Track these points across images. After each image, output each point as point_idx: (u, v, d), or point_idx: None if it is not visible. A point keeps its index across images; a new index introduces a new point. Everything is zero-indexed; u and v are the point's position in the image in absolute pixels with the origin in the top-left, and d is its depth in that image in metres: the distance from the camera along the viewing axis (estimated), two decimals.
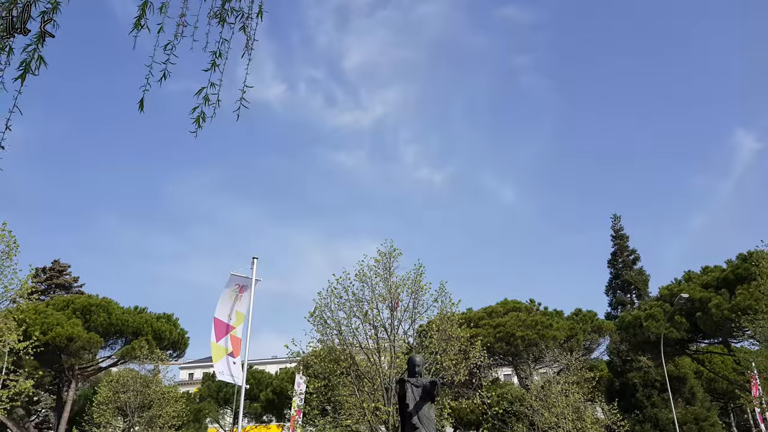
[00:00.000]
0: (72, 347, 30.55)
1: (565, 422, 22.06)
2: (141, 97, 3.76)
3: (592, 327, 35.88)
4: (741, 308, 24.61)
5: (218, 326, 16.70)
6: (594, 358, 37.46)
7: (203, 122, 3.89)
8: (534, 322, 32.71)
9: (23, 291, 19.08)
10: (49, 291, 48.94)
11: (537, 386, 24.65)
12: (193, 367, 76.24)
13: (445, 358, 18.76)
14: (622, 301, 47.91)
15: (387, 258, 19.57)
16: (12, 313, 21.13)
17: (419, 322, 19.77)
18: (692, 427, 29.61)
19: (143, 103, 3.80)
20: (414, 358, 10.22)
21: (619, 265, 50.14)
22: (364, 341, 19.19)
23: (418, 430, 9.31)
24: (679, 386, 31.15)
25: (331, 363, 19.38)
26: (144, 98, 3.78)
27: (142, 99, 3.78)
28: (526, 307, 35.93)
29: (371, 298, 19.09)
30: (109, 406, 25.52)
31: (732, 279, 27.43)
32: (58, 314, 31.38)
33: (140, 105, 3.80)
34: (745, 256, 28.31)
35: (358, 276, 19.37)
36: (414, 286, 19.26)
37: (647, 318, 29.25)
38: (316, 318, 19.35)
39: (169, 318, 35.27)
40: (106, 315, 32.58)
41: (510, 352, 32.76)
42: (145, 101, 3.79)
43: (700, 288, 28.35)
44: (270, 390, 42.59)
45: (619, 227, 52.04)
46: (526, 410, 23.98)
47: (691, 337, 30.22)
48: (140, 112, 3.81)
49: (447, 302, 19.68)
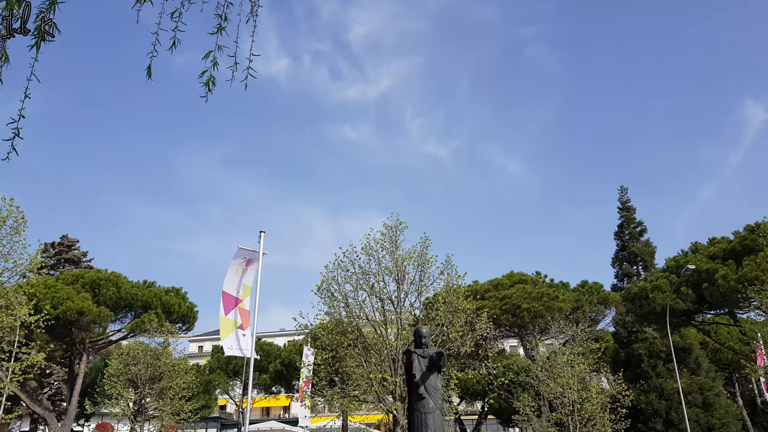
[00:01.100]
0: (82, 321, 30.93)
1: (570, 392, 22.28)
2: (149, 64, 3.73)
3: (598, 298, 35.97)
4: (748, 279, 24.61)
5: (227, 299, 16.83)
6: (600, 329, 37.64)
7: (213, 86, 3.84)
8: (540, 294, 32.80)
9: (33, 266, 19.26)
10: (58, 266, 49.37)
11: (543, 357, 24.85)
12: (202, 339, 77.21)
13: (451, 330, 18.90)
14: (629, 273, 47.96)
15: (393, 231, 19.62)
16: (22, 287, 21.38)
17: (425, 294, 19.89)
18: (697, 397, 29.84)
19: (150, 70, 3.76)
20: (420, 330, 10.29)
21: (626, 236, 50.07)
22: (371, 314, 19.35)
23: (425, 399, 9.42)
24: (684, 357, 31.32)
25: (338, 335, 19.58)
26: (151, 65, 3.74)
27: (149, 66, 3.74)
28: (532, 279, 36.01)
29: (378, 271, 19.19)
30: (120, 378, 25.91)
31: (739, 250, 27.36)
32: (68, 288, 31.70)
33: (148, 72, 3.76)
34: (752, 227, 28.20)
35: (365, 249, 19.45)
36: (420, 259, 19.33)
37: (653, 289, 29.28)
38: (323, 291, 19.50)
39: (178, 292, 35.57)
40: (115, 289, 32.88)
41: (516, 323, 32.94)
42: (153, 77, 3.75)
43: (706, 259, 28.30)
44: (278, 362, 43.16)
45: (626, 199, 51.86)
46: (532, 381, 24.21)
47: (697, 308, 30.27)
48: (148, 79, 3.78)
49: (453, 275, 19.78)
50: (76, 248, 51.77)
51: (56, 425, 32.60)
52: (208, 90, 3.84)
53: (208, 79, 3.82)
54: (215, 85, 3.84)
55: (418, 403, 9.46)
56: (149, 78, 3.78)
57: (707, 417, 29.38)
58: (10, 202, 18.75)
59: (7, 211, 18.56)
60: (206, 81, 3.83)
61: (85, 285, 32.83)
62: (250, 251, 17.31)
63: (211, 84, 3.83)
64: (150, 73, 3.76)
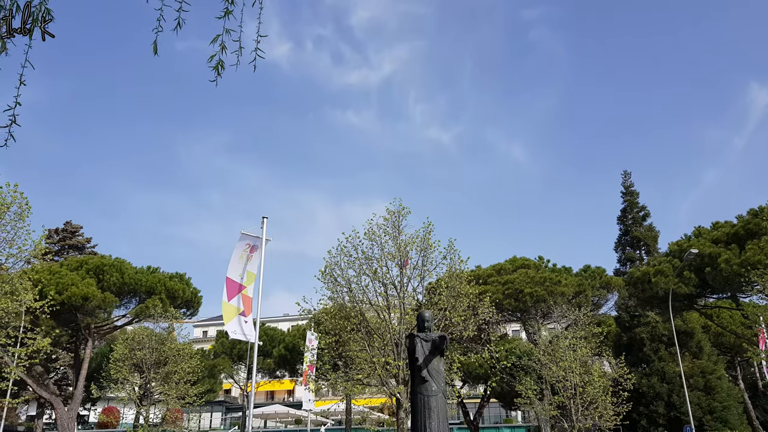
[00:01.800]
0: (87, 306, 31.10)
1: (572, 376, 22.38)
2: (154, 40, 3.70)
3: (601, 283, 36.00)
4: (751, 263, 24.57)
5: (230, 286, 16.88)
6: (602, 313, 37.74)
7: (222, 70, 3.82)
8: (542, 278, 32.84)
9: (37, 252, 19.34)
10: (63, 252, 49.56)
11: (545, 341, 24.94)
12: (206, 324, 77.62)
13: (453, 314, 18.95)
14: (631, 258, 47.98)
15: (396, 216, 19.61)
16: (27, 273, 21.50)
17: (428, 279, 19.92)
18: (699, 380, 29.97)
19: (156, 46, 3.74)
20: (423, 314, 10.33)
21: (629, 221, 50.04)
22: (374, 298, 19.39)
23: (428, 383, 9.47)
24: (686, 340, 31.41)
25: (341, 320, 19.66)
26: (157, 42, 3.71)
27: (155, 41, 3.71)
28: (534, 263, 36.04)
29: (380, 256, 19.22)
30: (125, 363, 26.09)
31: (742, 234, 27.29)
32: (72, 274, 31.83)
33: (154, 48, 3.74)
34: (756, 211, 28.10)
35: (368, 235, 19.45)
36: (423, 244, 19.34)
37: (656, 273, 29.28)
38: (326, 276, 19.54)
39: (182, 277, 35.67)
40: (119, 275, 33.00)
41: (518, 308, 33.03)
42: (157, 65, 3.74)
43: (709, 243, 28.25)
44: (282, 346, 43.39)
45: (629, 183, 51.70)
46: (534, 364, 24.33)
47: (700, 293, 30.28)
48: (155, 55, 3.76)
49: (456, 260, 19.79)
50: (80, 234, 51.94)
51: (63, 409, 32.92)
52: (218, 74, 3.82)
53: (217, 63, 3.81)
54: (224, 69, 3.82)
55: (421, 386, 9.51)
56: (155, 54, 3.76)
57: (709, 400, 29.53)
58: (14, 188, 18.79)
59: (11, 197, 18.61)
60: (215, 65, 3.81)
61: (89, 271, 32.95)
62: (254, 237, 17.33)
63: (220, 68, 3.81)
64: (156, 50, 3.73)
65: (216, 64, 3.79)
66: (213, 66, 3.79)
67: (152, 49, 3.74)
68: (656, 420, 29.26)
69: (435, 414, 9.30)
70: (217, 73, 3.81)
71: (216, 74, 3.81)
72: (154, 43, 3.74)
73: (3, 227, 18.44)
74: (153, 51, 3.75)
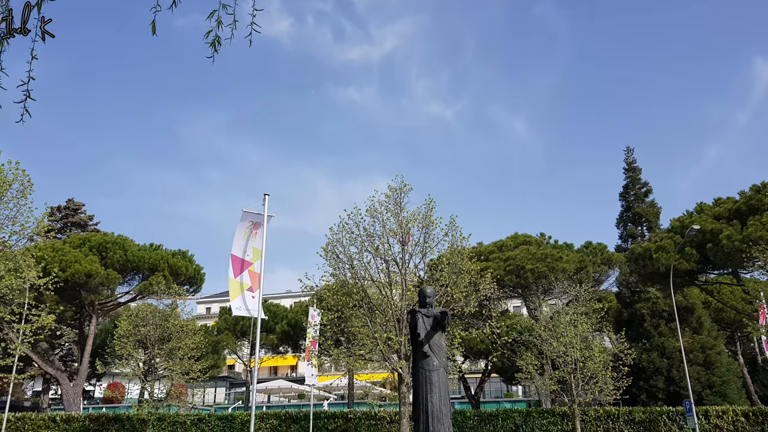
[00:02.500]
0: (91, 284, 31.28)
1: (573, 351, 22.55)
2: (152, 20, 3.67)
3: (602, 259, 36.07)
4: (752, 239, 24.58)
5: (235, 262, 16.97)
6: (603, 289, 37.88)
7: (219, 46, 3.79)
8: (544, 255, 32.90)
9: (40, 229, 19.39)
10: (65, 229, 49.69)
11: (546, 317, 25.08)
12: (210, 301, 78.12)
13: (455, 290, 19.05)
14: (633, 234, 48.01)
15: (397, 193, 19.60)
16: (30, 250, 21.58)
17: (430, 256, 19.98)
18: (698, 355, 30.19)
19: (155, 25, 3.70)
20: (425, 290, 10.38)
21: (631, 197, 49.96)
22: (376, 275, 19.47)
23: (430, 358, 9.56)
24: (686, 316, 31.56)
25: (343, 296, 19.77)
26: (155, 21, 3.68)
27: (153, 21, 3.68)
28: (536, 240, 36.08)
29: (382, 233, 19.25)
30: (129, 339, 26.30)
31: (745, 210, 27.26)
32: (76, 252, 31.96)
33: (152, 28, 3.71)
34: (759, 187, 28.02)
35: (369, 211, 19.46)
36: (425, 220, 19.35)
37: (657, 250, 29.32)
38: (328, 253, 19.60)
39: (185, 254, 35.80)
40: (122, 252, 33.12)
41: (520, 284, 33.14)
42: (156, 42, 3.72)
43: (711, 219, 28.23)
44: (285, 322, 43.71)
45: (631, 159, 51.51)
46: (535, 340, 24.49)
47: (701, 269, 30.34)
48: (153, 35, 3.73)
49: (458, 236, 19.81)
50: (82, 212, 52.03)
51: (68, 385, 33.31)
52: (214, 50, 3.80)
53: (213, 39, 3.78)
54: (221, 44, 3.79)
55: (423, 361, 9.60)
56: (153, 34, 3.73)
57: (708, 375, 29.78)
58: (16, 165, 18.77)
59: (13, 174, 18.60)
60: (212, 41, 3.78)
61: (92, 248, 33.08)
62: (256, 214, 17.35)
63: (216, 44, 3.78)
64: (154, 29, 3.70)
65: (213, 40, 3.76)
66: (210, 42, 3.77)
67: (151, 28, 3.71)
68: (656, 394, 29.55)
69: (436, 388, 9.41)
70: (214, 49, 3.79)
71: (213, 50, 3.79)
72: (152, 23, 3.70)
73: (5, 204, 18.47)
74: (152, 30, 3.72)
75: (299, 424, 25.99)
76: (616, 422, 24.63)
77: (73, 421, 27.12)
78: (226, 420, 26.73)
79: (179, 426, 26.73)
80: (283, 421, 26.25)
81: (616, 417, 24.74)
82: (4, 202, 18.43)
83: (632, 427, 24.53)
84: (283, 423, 26.20)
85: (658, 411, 24.90)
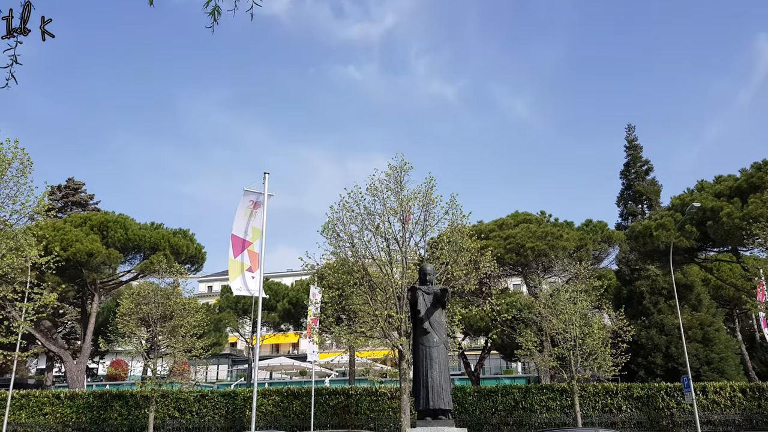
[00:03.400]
0: (92, 262, 31.39)
1: (572, 328, 22.68)
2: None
3: (602, 237, 36.11)
4: (753, 216, 24.58)
5: (235, 242, 17.00)
6: (603, 267, 37.98)
7: (219, 16, 3.75)
8: (544, 233, 32.92)
9: (40, 208, 19.36)
10: (66, 208, 49.72)
11: (546, 294, 25.18)
12: (211, 280, 78.46)
13: (455, 268, 19.11)
14: (633, 212, 48.07)
15: (398, 172, 19.57)
16: (31, 229, 21.60)
17: (430, 234, 20.02)
18: (697, 332, 30.39)
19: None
20: (425, 267, 10.42)
21: (632, 175, 49.89)
22: (376, 253, 19.52)
23: (430, 334, 9.64)
24: (685, 293, 31.69)
25: (344, 274, 19.85)
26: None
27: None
28: (536, 218, 36.08)
29: (383, 211, 19.27)
30: (132, 317, 26.41)
31: (745, 188, 27.21)
32: (77, 231, 32.01)
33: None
34: (759, 164, 27.93)
35: (370, 190, 19.46)
36: (425, 199, 19.35)
37: (657, 227, 29.33)
38: (328, 231, 19.64)
39: (185, 233, 35.86)
40: (123, 231, 33.18)
41: (520, 262, 33.22)
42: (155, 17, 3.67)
43: (712, 197, 28.20)
44: (286, 300, 43.95)
45: (633, 137, 51.28)
46: (535, 317, 24.62)
47: (701, 246, 30.39)
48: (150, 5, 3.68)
49: (458, 215, 19.83)
50: (83, 191, 52.00)
51: (71, 362, 33.62)
52: (214, 20, 3.75)
53: (213, 9, 3.74)
54: (220, 14, 3.75)
55: (423, 337, 9.69)
56: (151, 5, 3.69)
57: (706, 351, 30.01)
58: (15, 144, 18.70)
59: (12, 153, 18.53)
60: (211, 11, 3.74)
61: (93, 227, 33.14)
62: (256, 193, 17.33)
63: (216, 14, 3.74)
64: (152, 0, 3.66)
65: (212, 10, 3.72)
66: (209, 12, 3.72)
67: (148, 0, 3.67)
68: (654, 371, 29.81)
69: (436, 364, 9.50)
70: (213, 18, 3.75)
71: (212, 20, 3.74)
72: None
73: (5, 183, 18.43)
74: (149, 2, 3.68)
75: (301, 400, 26.29)
76: (614, 398, 24.90)
77: (77, 398, 27.43)
78: (228, 396, 27.03)
79: (182, 402, 27.05)
80: (285, 397, 26.54)
81: (614, 393, 25.00)
82: (4, 181, 18.39)
83: (630, 402, 24.81)
84: (285, 399, 26.49)
85: (656, 387, 25.15)
